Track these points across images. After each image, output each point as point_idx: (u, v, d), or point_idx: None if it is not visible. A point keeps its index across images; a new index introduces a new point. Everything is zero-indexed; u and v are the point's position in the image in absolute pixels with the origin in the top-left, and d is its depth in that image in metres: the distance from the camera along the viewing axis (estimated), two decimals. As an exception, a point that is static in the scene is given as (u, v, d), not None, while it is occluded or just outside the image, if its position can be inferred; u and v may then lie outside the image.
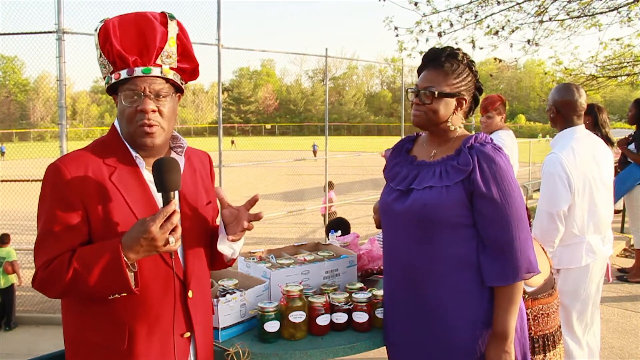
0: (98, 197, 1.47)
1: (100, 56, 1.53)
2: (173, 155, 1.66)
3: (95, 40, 1.53)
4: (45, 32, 5.82)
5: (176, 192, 1.52)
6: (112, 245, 1.41)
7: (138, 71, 1.50)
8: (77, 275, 1.41)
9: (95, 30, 1.53)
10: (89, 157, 1.52)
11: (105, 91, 1.58)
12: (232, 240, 1.67)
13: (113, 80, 1.52)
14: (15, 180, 6.84)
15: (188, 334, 1.62)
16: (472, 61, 1.91)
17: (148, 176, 1.57)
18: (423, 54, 1.94)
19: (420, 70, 1.93)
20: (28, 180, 6.47)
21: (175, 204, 1.44)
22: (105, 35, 1.51)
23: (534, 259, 1.77)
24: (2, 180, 6.74)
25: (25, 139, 42.62)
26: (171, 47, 1.55)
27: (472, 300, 1.78)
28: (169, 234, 1.40)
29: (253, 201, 1.67)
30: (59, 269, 1.43)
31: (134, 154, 1.56)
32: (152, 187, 1.56)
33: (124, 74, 1.50)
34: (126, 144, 1.57)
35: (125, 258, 1.39)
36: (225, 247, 1.70)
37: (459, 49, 1.89)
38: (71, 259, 1.43)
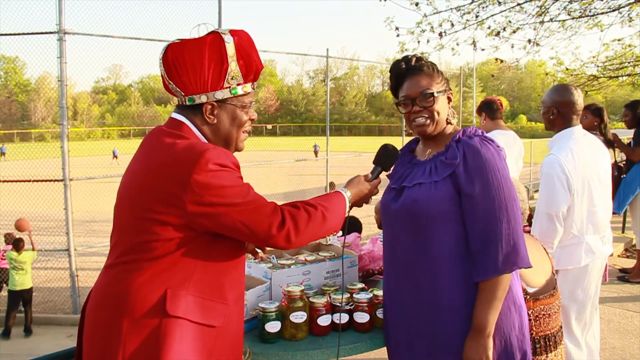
0: None
1: (235, 67, 1.58)
2: None
3: (231, 51, 1.56)
4: (46, 33, 5.83)
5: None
6: (339, 194, 1.79)
7: (254, 86, 1.67)
8: (326, 211, 1.64)
9: (228, 42, 1.55)
10: None
11: (215, 100, 1.58)
12: None
13: (241, 92, 1.61)
14: (15, 181, 6.85)
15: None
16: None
17: None
18: (391, 69, 1.96)
19: (397, 84, 1.95)
20: (29, 181, 6.48)
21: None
22: (241, 48, 1.58)
23: (522, 252, 1.73)
24: (3, 181, 6.74)
25: (27, 139, 42.69)
26: None
27: (468, 297, 1.76)
28: None
29: None
30: (303, 211, 1.59)
31: None
32: None
33: (249, 87, 1.64)
34: None
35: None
36: None
37: (415, 55, 1.94)
38: (306, 203, 1.63)
